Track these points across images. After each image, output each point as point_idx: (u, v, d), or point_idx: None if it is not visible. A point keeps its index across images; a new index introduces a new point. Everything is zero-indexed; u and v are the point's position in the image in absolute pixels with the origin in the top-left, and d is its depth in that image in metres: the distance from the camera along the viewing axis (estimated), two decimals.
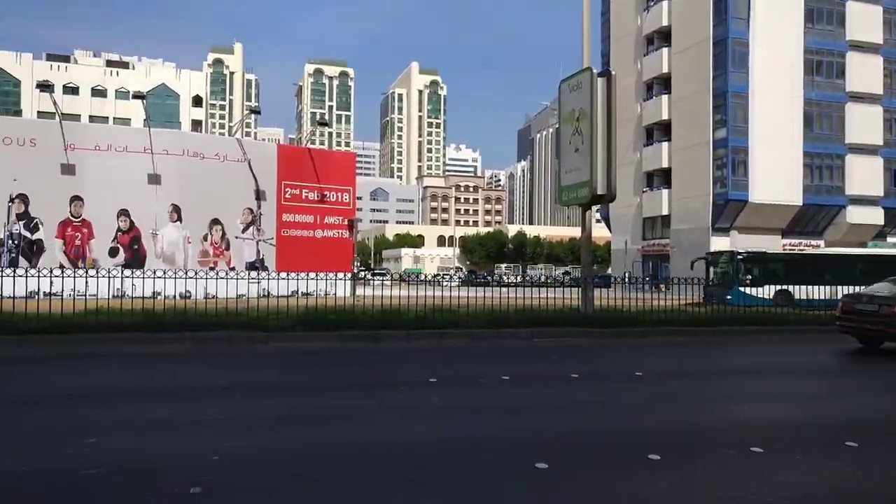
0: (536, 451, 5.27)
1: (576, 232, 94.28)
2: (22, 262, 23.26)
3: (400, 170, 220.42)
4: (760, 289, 23.09)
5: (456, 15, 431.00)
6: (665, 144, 49.10)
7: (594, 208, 21.81)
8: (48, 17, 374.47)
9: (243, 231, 27.42)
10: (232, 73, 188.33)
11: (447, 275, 35.03)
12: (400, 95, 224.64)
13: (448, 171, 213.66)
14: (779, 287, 23.75)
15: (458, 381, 8.79)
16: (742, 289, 22.74)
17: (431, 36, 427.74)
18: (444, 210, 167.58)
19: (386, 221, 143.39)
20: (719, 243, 40.55)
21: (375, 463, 5.06)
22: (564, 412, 7.20)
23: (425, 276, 15.58)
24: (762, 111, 42.82)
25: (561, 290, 16.42)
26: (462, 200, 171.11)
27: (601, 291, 17.77)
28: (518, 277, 39.23)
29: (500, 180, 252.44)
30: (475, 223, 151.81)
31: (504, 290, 16.76)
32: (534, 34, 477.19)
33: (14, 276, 12.68)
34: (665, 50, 48.78)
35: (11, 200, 23.81)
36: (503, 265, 78.22)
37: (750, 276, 24.65)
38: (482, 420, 6.66)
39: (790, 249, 37.63)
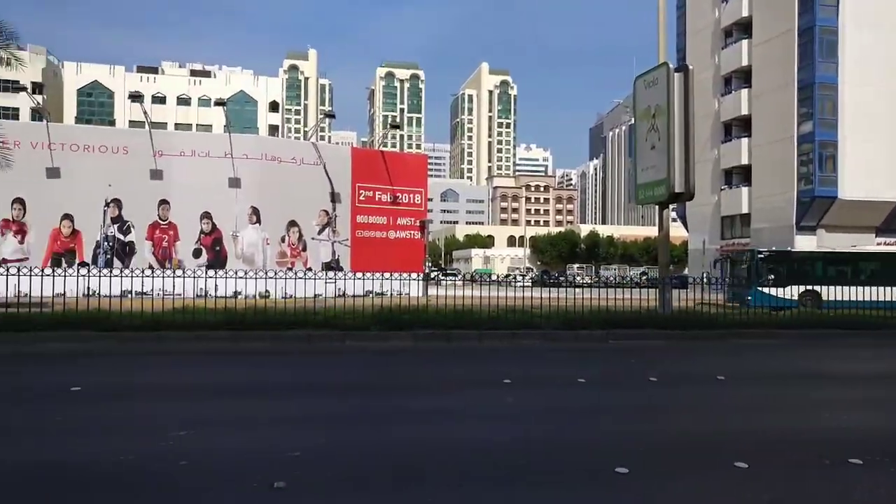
0: (616, 455, 5.17)
1: (650, 231, 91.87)
2: (116, 262, 24.67)
3: (470, 171, 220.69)
4: (785, 289, 21.64)
5: (526, 13, 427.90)
6: (745, 140, 47.19)
7: (670, 207, 21.20)
8: (139, 29, 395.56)
9: (319, 232, 28.12)
10: (307, 79, 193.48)
11: (520, 274, 34.80)
12: (470, 96, 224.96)
13: (518, 170, 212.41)
14: (806, 287, 22.25)
15: (533, 383, 8.72)
16: (763, 289, 21.28)
17: (501, 35, 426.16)
18: (515, 210, 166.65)
19: (456, 222, 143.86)
20: (804, 242, 38.62)
21: (452, 462, 5.08)
22: (643, 416, 7.03)
23: (497, 277, 15.53)
24: (853, 102, 40.49)
25: (637, 291, 16.03)
26: (533, 200, 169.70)
27: (678, 292, 17.27)
28: (591, 278, 38.58)
29: (571, 179, 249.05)
30: (546, 223, 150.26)
31: (577, 290, 16.55)
32: (605, 31, 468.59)
33: (111, 276, 13.50)
34: (745, 42, 46.88)
35: (107, 205, 25.28)
36: (575, 265, 77.04)
37: (773, 276, 23.14)
38: (558, 422, 6.59)
39: (885, 248, 35.37)
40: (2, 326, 11.41)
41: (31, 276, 12.30)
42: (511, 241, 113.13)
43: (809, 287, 22.32)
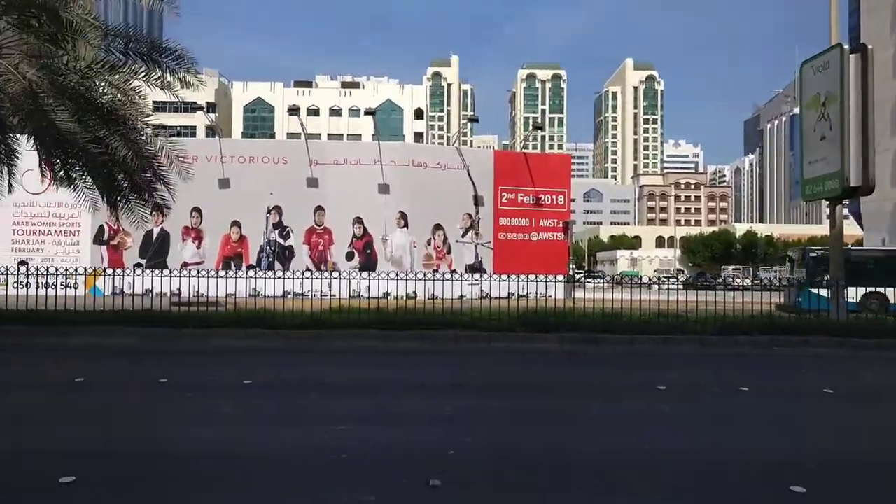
0: (789, 473, 4.75)
1: (815, 230, 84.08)
2: (277, 265, 26.58)
3: (614, 169, 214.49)
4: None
5: (671, 2, 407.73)
6: None
7: (843, 202, 19.22)
8: (294, 46, 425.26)
9: (463, 235, 28.56)
10: (449, 85, 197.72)
11: (668, 276, 33.22)
12: (614, 93, 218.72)
13: (667, 168, 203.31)
14: (868, 289, 18.80)
15: (690, 390, 8.26)
16: (815, 291, 18.04)
17: (645, 28, 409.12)
18: (663, 209, 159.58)
19: (600, 223, 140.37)
20: None
21: (601, 468, 4.91)
22: (818, 431, 6.42)
23: (649, 280, 14.90)
24: None
25: None
26: (682, 199, 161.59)
27: None
28: (749, 280, 35.95)
29: (724, 176, 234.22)
30: (697, 222, 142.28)
31: (734, 293, 15.46)
32: (759, 16, 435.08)
33: (274, 278, 14.59)
34: None
35: (269, 211, 27.34)
36: (730, 267, 72.19)
37: (828, 276, 19.74)
38: (722, 432, 6.17)
39: None
40: (184, 324, 12.67)
41: (207, 278, 13.72)
42: (659, 242, 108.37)
43: (873, 289, 19.30)
